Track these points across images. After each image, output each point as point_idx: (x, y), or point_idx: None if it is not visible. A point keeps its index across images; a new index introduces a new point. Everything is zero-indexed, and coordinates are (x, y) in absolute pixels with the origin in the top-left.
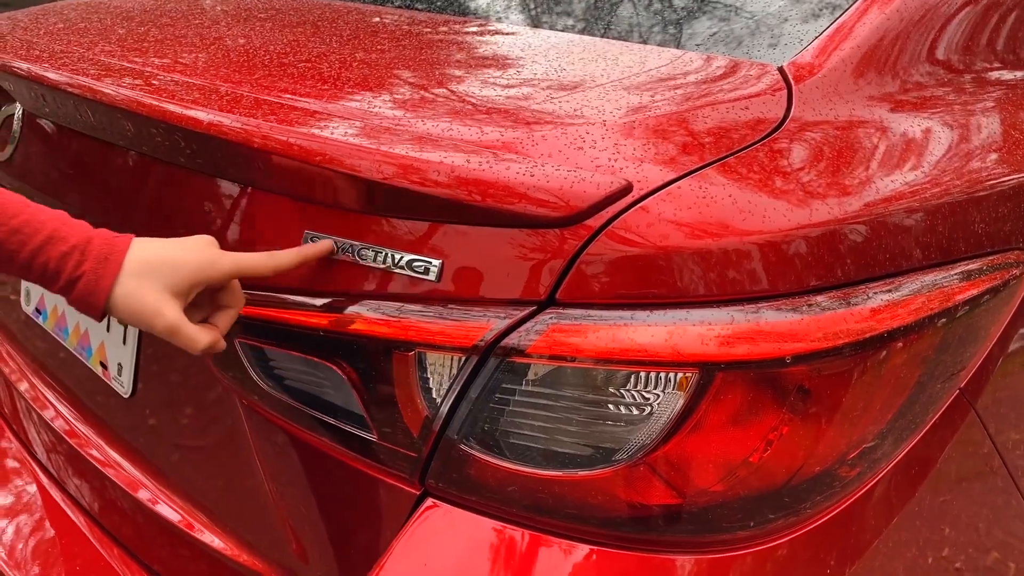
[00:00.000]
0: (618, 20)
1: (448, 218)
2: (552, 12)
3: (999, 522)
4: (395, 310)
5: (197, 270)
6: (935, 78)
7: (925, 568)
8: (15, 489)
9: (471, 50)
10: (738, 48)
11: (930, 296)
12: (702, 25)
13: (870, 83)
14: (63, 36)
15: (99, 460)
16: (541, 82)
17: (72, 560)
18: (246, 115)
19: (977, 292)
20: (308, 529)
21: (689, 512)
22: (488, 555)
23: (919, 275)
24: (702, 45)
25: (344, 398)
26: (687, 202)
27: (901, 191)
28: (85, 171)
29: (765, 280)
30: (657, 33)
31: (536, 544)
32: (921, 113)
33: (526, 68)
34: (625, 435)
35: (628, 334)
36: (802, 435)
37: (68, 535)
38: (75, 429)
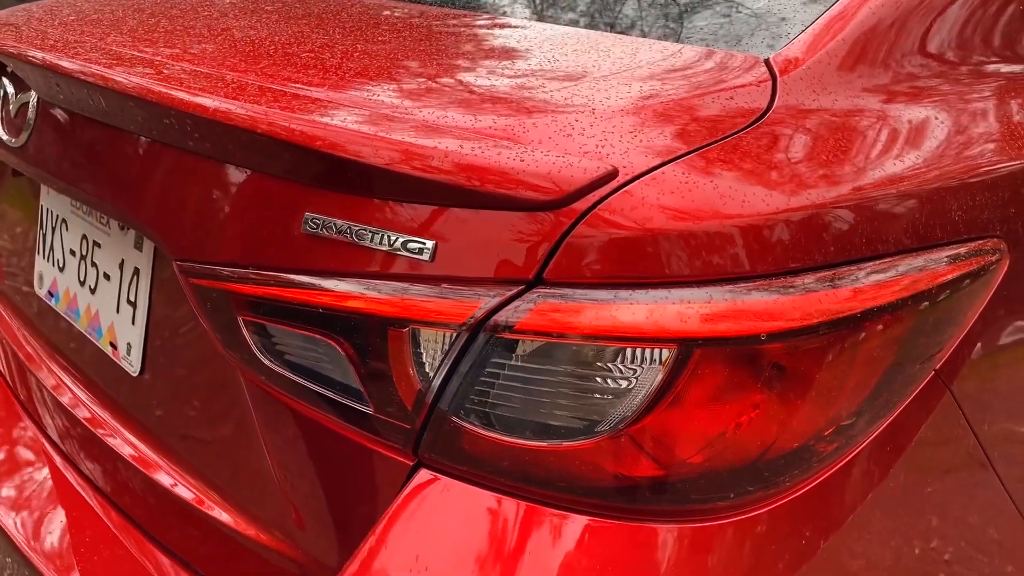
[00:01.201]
0: (612, 14)
1: (442, 201)
2: (548, 6)
3: (974, 501)
4: (391, 289)
5: None
6: (925, 71)
7: (899, 544)
8: (30, 465)
9: (468, 42)
10: (727, 41)
11: (905, 280)
12: (692, 19)
13: (856, 75)
14: (76, 27)
15: (109, 437)
16: (534, 73)
17: (82, 533)
18: (251, 102)
19: (953, 277)
20: (307, 499)
21: (669, 483)
22: (478, 523)
23: (895, 260)
24: (692, 38)
25: (342, 373)
26: (670, 187)
27: (880, 178)
28: (96, 156)
29: (743, 261)
30: (649, 26)
31: (523, 512)
32: (907, 104)
33: (520, 59)
34: (607, 408)
35: (611, 312)
36: (777, 410)
37: (80, 511)
38: (86, 407)
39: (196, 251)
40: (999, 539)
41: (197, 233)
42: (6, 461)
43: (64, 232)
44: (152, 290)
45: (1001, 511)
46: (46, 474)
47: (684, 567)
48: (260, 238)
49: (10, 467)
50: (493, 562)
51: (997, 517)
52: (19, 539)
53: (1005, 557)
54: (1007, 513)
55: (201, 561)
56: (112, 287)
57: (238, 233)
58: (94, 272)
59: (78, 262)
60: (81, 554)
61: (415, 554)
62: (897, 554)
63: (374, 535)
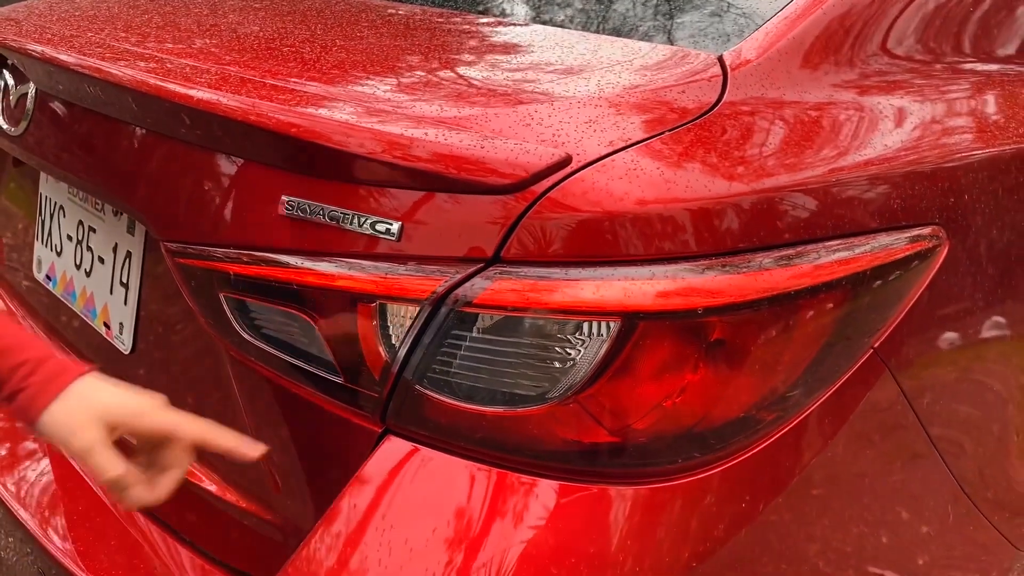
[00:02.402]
0: (577, 13)
1: (408, 185)
2: (518, 5)
3: (914, 472)
4: (360, 267)
5: (131, 414)
6: (877, 67)
7: (838, 510)
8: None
9: (437, 39)
10: (683, 38)
11: (841, 263)
12: (652, 17)
13: (806, 71)
14: (74, 22)
15: None
16: (498, 66)
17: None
18: (234, 93)
19: (890, 261)
20: (284, 466)
21: (617, 447)
22: (441, 485)
23: (832, 243)
24: (652, 36)
25: (315, 345)
26: (619, 173)
27: (819, 167)
28: (91, 144)
29: (686, 242)
30: (611, 25)
31: (483, 475)
32: (853, 98)
33: (485, 54)
34: (558, 377)
35: (561, 288)
36: (717, 381)
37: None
38: None
39: (182, 233)
40: (936, 507)
41: (183, 216)
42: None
43: (62, 218)
44: (143, 272)
45: (941, 482)
46: (42, 451)
47: (635, 525)
48: (241, 220)
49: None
50: (455, 520)
51: (937, 487)
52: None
53: (943, 525)
54: (947, 483)
55: (188, 528)
56: (106, 270)
57: (221, 215)
58: (89, 256)
59: (74, 247)
60: (74, 522)
61: (382, 514)
62: (836, 519)
63: (343, 497)
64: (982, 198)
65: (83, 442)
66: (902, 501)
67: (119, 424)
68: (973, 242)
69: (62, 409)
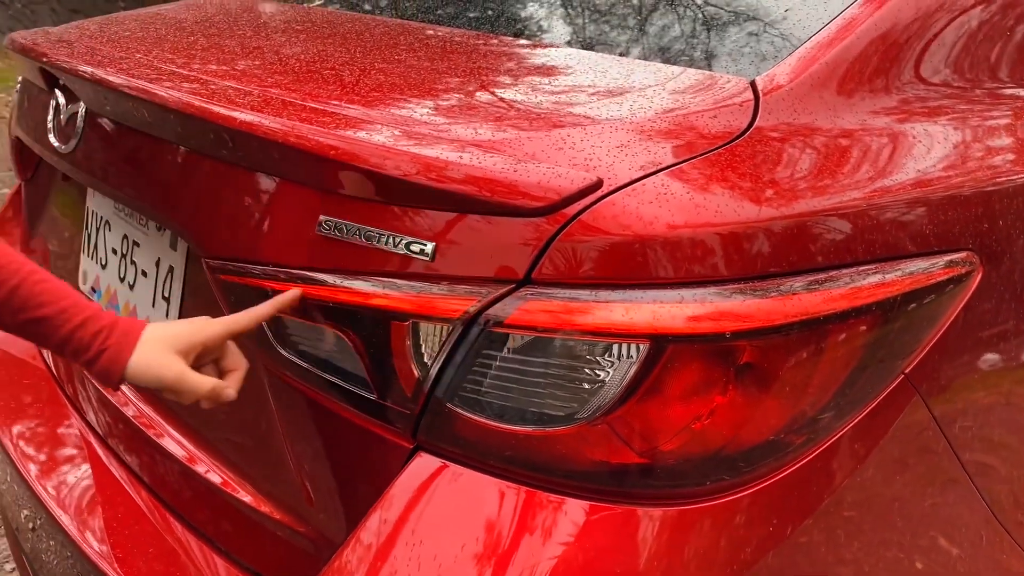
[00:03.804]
0: (612, 36)
1: (443, 207)
2: (554, 28)
3: (944, 497)
4: (394, 286)
5: (192, 332)
6: (910, 93)
7: (867, 534)
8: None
9: (474, 63)
10: (717, 63)
11: (872, 288)
12: (685, 41)
13: (838, 95)
14: (123, 43)
15: (144, 424)
16: (533, 90)
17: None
18: (276, 115)
19: (922, 287)
20: (317, 479)
21: (645, 468)
22: (470, 501)
23: (864, 268)
24: (683, 59)
25: (349, 362)
26: (649, 197)
27: (850, 192)
28: (137, 162)
29: (715, 266)
30: (644, 48)
31: (512, 492)
32: (886, 124)
33: (521, 78)
34: (587, 397)
35: (592, 309)
36: (746, 404)
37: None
38: (124, 396)
39: (223, 250)
40: (968, 532)
41: (224, 233)
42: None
43: (107, 232)
44: (184, 287)
45: (973, 506)
46: (86, 459)
47: (663, 547)
48: (280, 238)
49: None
50: (484, 537)
51: (969, 512)
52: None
53: (975, 550)
54: (979, 508)
55: (224, 538)
56: (149, 283)
57: (261, 234)
58: (133, 269)
59: (119, 260)
60: (117, 533)
61: (412, 529)
62: (867, 543)
63: (374, 513)
64: (1017, 224)
65: (172, 372)
66: (934, 525)
67: (189, 347)
68: (1008, 268)
69: (143, 355)
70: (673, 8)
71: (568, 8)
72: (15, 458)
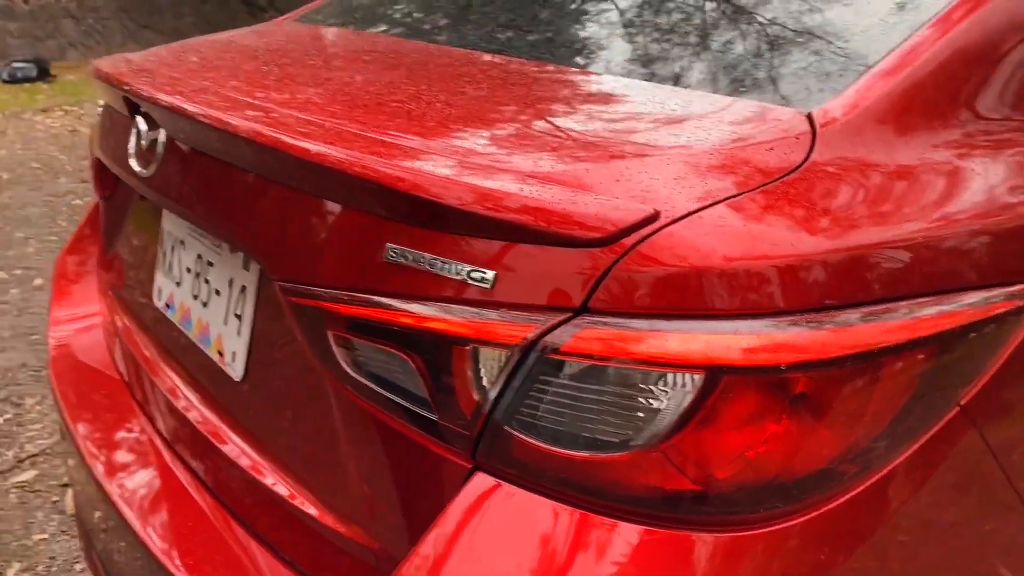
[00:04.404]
0: (671, 66)
1: (503, 236)
2: (611, 59)
3: (1000, 533)
4: (456, 312)
5: None
6: (968, 127)
7: (920, 569)
8: (143, 457)
9: (534, 92)
10: (774, 94)
11: (928, 319)
12: (744, 72)
13: (896, 129)
14: (199, 72)
15: (213, 435)
16: (591, 120)
17: (185, 520)
18: (346, 147)
19: (980, 319)
20: (380, 495)
21: (699, 495)
22: (526, 522)
23: (921, 300)
24: (740, 90)
25: (412, 383)
26: (706, 229)
27: (907, 225)
28: (212, 187)
29: (771, 298)
30: (702, 79)
31: (567, 515)
32: (946, 155)
33: (579, 109)
34: (642, 425)
35: (647, 339)
36: (800, 434)
37: (184, 500)
38: (194, 407)
39: (295, 273)
40: None
41: (296, 258)
42: (123, 453)
43: (182, 252)
44: (256, 306)
45: None
46: (156, 466)
47: (715, 572)
48: (349, 264)
49: (126, 459)
50: (539, 557)
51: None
52: (132, 521)
53: None
54: None
55: (289, 549)
56: (222, 302)
57: (331, 259)
58: (206, 288)
59: (193, 278)
60: (184, 538)
61: (470, 545)
62: (919, 568)
63: (434, 529)
64: None
65: None
66: (993, 551)
67: None
68: None
69: None
70: (731, 38)
71: (625, 37)
72: (89, 460)
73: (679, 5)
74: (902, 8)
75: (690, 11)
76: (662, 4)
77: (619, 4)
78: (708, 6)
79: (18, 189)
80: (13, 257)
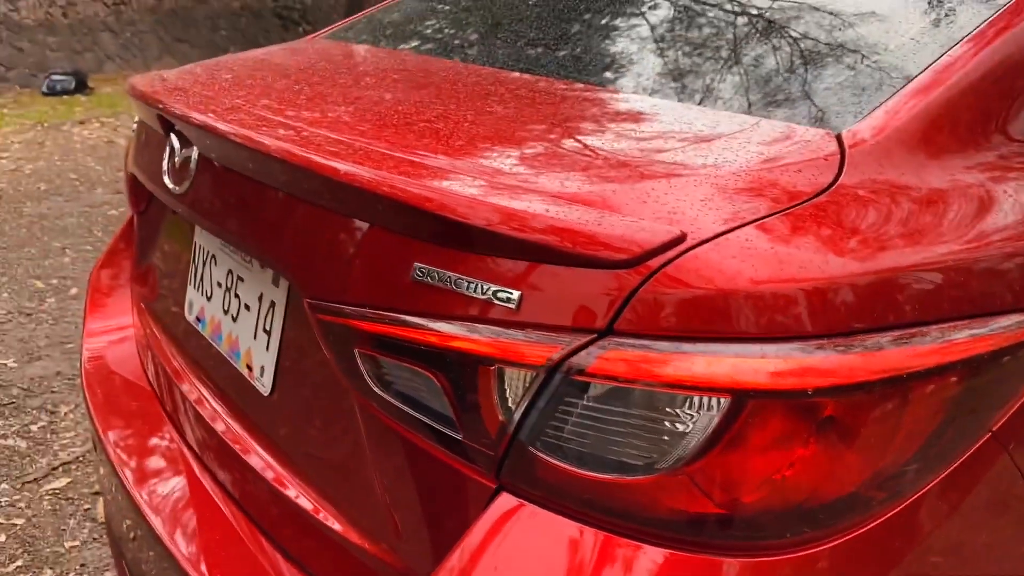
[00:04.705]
0: (699, 86)
1: (529, 256)
2: (638, 78)
3: None
4: (482, 331)
5: None
6: (1001, 149)
7: None
8: (171, 468)
9: (561, 112)
10: (803, 114)
11: (958, 344)
12: (772, 92)
13: (925, 151)
14: (233, 91)
15: (240, 447)
16: (618, 141)
17: (212, 531)
18: (374, 166)
19: (1010, 344)
20: (405, 512)
21: (723, 519)
22: (550, 543)
23: (951, 324)
24: (769, 111)
25: (438, 402)
26: (733, 251)
27: (938, 248)
28: (244, 204)
29: (798, 321)
30: (732, 100)
31: (590, 536)
32: (978, 178)
33: (607, 129)
34: (667, 448)
35: (672, 361)
36: (827, 459)
37: (212, 511)
38: (222, 420)
39: (323, 290)
40: None
41: (324, 274)
42: (153, 464)
43: (213, 266)
44: (285, 321)
45: None
46: (185, 477)
47: None
48: (376, 282)
49: (155, 469)
50: None
51: None
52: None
53: None
54: None
55: (314, 563)
56: (251, 317)
57: (358, 277)
58: (236, 303)
59: (223, 293)
60: (211, 550)
61: (494, 566)
62: None
63: (458, 549)
64: None
65: None
66: None
67: None
68: None
69: None
70: (759, 57)
71: (653, 56)
72: (119, 470)
73: (706, 23)
74: (933, 27)
75: (717, 30)
76: (690, 22)
77: (645, 23)
78: (735, 25)
79: (55, 200)
80: (50, 267)
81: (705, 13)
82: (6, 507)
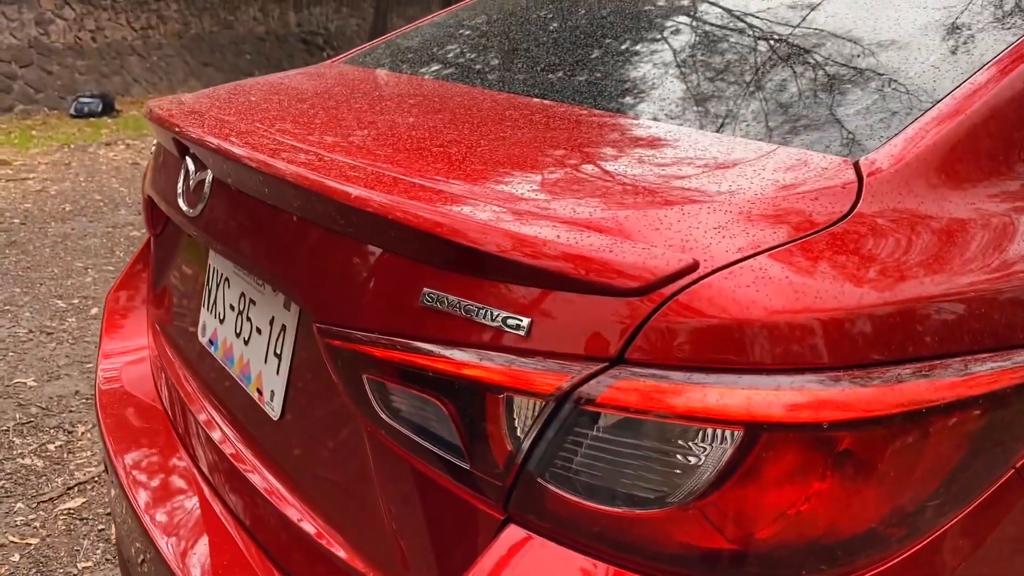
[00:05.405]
0: (715, 113)
1: (539, 283)
2: (653, 105)
3: None
4: (490, 358)
5: None
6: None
7: None
8: (181, 491)
9: (575, 138)
10: (819, 142)
11: (979, 379)
12: (789, 119)
13: (944, 180)
14: (249, 115)
15: (249, 471)
16: (632, 168)
17: (220, 555)
18: (386, 191)
19: None
20: (411, 541)
21: (737, 555)
22: None
23: (972, 357)
24: (785, 138)
25: (446, 430)
26: (746, 280)
27: (957, 279)
28: (257, 228)
29: (813, 352)
30: (746, 126)
31: (600, 571)
32: (999, 207)
33: (620, 155)
34: (678, 481)
35: (685, 392)
36: (843, 495)
37: (220, 535)
38: (232, 443)
39: (333, 315)
40: None
41: (334, 299)
42: (162, 487)
43: (226, 289)
44: (296, 346)
45: None
46: (194, 501)
47: None
48: (386, 307)
49: (165, 493)
50: None
51: None
52: (168, 556)
53: None
54: None
55: None
56: (263, 340)
57: (368, 302)
58: (248, 326)
59: (236, 316)
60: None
61: None
62: None
63: None
64: None
65: None
66: None
67: None
68: None
69: None
70: (776, 84)
71: (669, 83)
72: (129, 493)
73: (723, 50)
74: (953, 54)
75: (734, 57)
76: (706, 49)
77: (660, 50)
78: (752, 52)
79: (80, 220)
80: (72, 286)
81: (722, 40)
82: (21, 526)
